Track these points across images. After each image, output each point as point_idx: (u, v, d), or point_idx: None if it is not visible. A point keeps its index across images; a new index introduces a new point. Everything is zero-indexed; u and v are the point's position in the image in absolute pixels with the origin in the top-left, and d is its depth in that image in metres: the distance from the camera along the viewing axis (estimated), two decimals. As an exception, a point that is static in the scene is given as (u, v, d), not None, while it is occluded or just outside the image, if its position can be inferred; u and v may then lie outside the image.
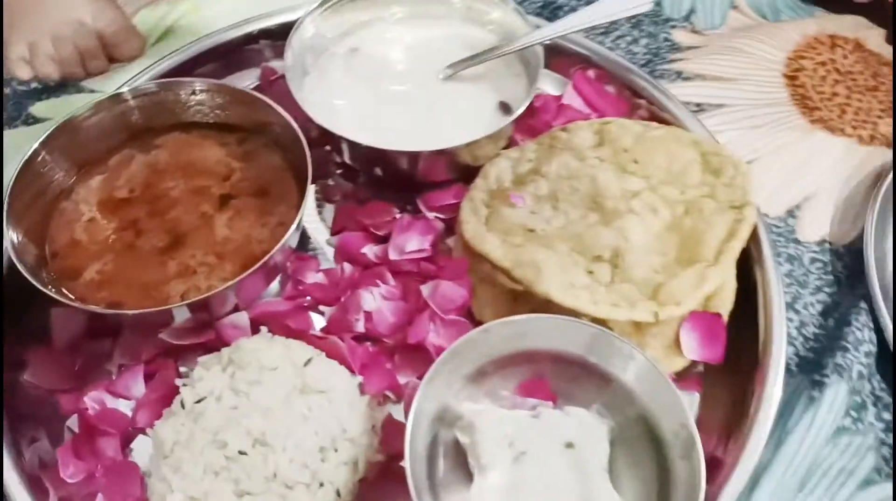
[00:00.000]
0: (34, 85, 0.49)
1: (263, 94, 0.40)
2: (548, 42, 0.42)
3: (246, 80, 0.47)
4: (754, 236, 0.37)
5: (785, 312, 0.36)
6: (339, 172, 0.43)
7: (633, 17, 0.50)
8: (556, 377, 0.32)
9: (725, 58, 0.52)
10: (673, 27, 0.55)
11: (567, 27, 0.42)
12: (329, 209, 0.42)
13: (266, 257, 0.32)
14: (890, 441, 0.35)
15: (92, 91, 0.49)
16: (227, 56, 0.48)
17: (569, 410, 0.31)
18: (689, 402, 0.35)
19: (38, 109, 0.48)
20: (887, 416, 0.36)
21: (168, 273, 0.34)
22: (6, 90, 0.49)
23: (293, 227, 0.34)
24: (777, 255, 0.39)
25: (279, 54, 0.43)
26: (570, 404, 0.32)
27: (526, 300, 0.36)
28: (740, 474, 0.31)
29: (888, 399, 0.36)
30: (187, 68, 0.46)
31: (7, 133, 0.47)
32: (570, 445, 0.30)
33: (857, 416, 0.36)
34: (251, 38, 0.48)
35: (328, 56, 0.45)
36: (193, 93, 0.40)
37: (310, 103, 0.40)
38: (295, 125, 0.37)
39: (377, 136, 0.39)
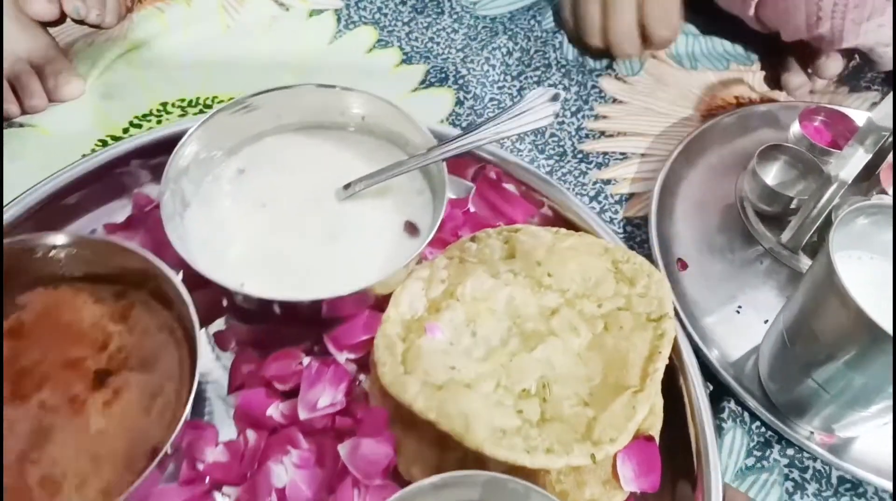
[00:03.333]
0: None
1: (141, 225, 0.36)
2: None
3: (118, 213, 0.42)
4: (675, 348, 0.37)
5: (712, 420, 0.36)
6: (233, 312, 0.39)
7: (562, 70, 0.57)
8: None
9: (644, 118, 0.55)
10: (599, 76, 0.58)
11: (472, 142, 0.40)
12: (226, 359, 0.38)
13: (156, 460, 0.27)
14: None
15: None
16: (98, 182, 0.43)
17: None
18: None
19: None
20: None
21: (27, 488, 0.28)
22: None
23: (185, 412, 0.29)
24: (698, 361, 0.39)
25: (158, 175, 0.38)
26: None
27: (455, 447, 0.34)
28: None
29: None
30: (53, 204, 0.41)
31: None
32: None
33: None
34: (121, 161, 0.43)
35: (212, 181, 0.41)
36: (53, 248, 0.35)
37: (190, 245, 0.36)
38: (172, 276, 0.33)
39: (272, 282, 0.35)
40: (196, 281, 0.34)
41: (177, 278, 0.33)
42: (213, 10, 0.60)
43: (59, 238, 0.34)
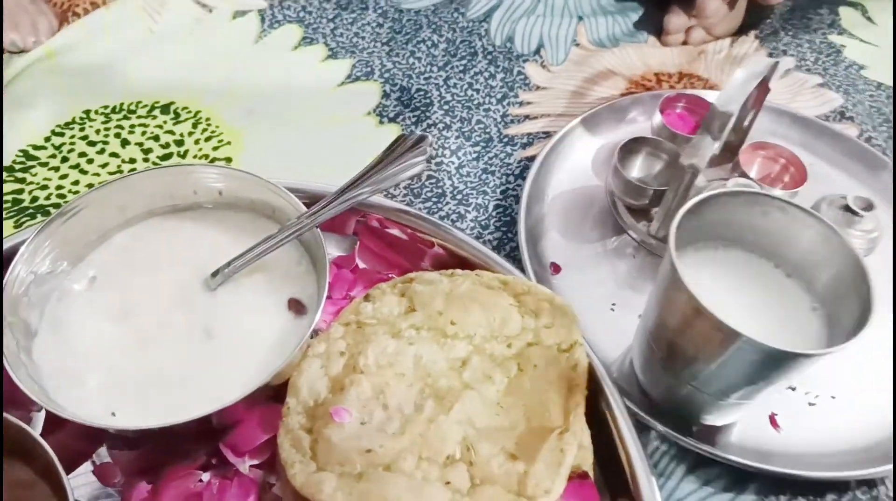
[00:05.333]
0: None
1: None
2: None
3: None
4: (591, 374, 0.36)
5: (638, 441, 0.35)
6: (112, 442, 0.34)
7: (488, 57, 0.59)
8: None
9: (570, 101, 0.56)
10: (525, 61, 0.59)
11: (346, 200, 0.38)
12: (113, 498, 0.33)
13: None
14: None
15: None
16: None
17: None
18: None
19: None
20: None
21: None
22: None
23: None
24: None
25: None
26: None
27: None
28: None
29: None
30: None
31: None
32: None
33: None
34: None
35: (59, 299, 0.36)
36: None
37: (44, 382, 0.31)
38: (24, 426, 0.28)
39: (148, 406, 0.31)
40: (60, 420, 0.29)
41: (36, 434, 0.29)
42: (134, 14, 0.59)
43: None
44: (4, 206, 0.44)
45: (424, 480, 0.32)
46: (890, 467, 0.35)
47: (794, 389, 0.40)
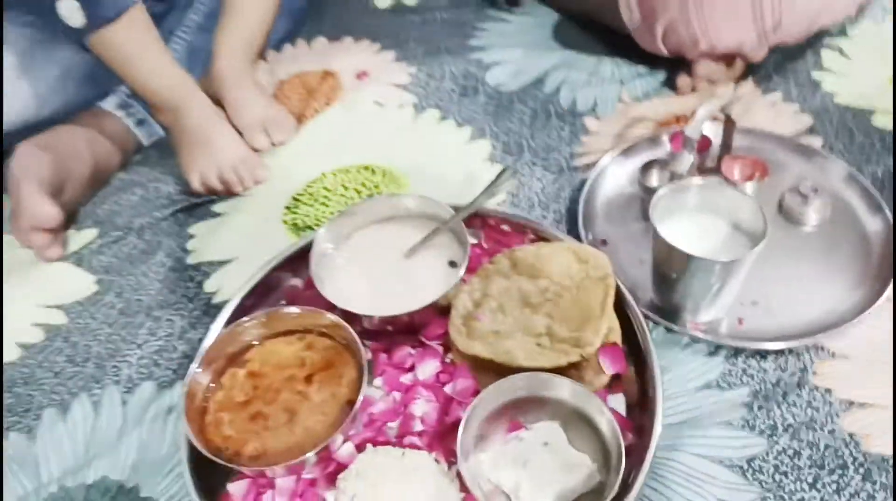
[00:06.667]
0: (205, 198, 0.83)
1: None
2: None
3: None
4: (619, 290, 0.64)
5: (648, 330, 0.62)
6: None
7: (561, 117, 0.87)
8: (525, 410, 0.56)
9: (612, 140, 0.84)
10: (584, 117, 0.87)
11: (473, 208, 0.69)
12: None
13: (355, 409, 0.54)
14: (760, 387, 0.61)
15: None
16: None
17: (533, 427, 0.54)
18: (619, 399, 0.59)
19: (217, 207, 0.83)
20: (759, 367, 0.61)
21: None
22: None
23: (364, 378, 0.56)
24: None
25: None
26: (535, 422, 0.55)
27: (506, 372, 0.60)
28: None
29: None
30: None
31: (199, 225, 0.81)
32: (545, 443, 0.53)
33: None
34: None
35: (332, 261, 0.69)
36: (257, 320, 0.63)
37: (335, 294, 0.63)
38: (336, 320, 0.61)
39: (380, 309, 0.62)
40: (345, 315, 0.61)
41: (337, 318, 0.61)
42: (340, 114, 0.92)
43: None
44: (289, 225, 0.80)
45: (525, 341, 0.60)
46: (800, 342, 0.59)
47: (756, 303, 0.65)
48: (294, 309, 0.62)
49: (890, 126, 0.80)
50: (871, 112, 0.82)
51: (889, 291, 0.61)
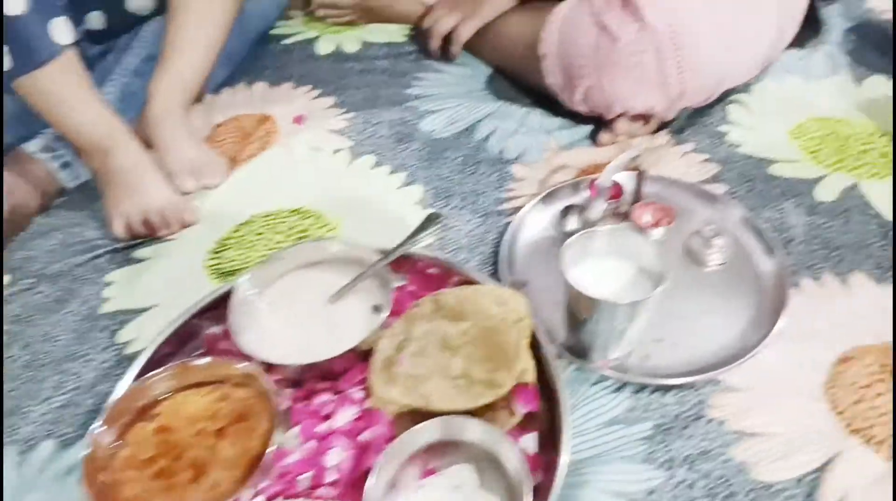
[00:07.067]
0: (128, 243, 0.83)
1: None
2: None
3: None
4: (534, 331, 0.66)
5: (560, 370, 0.64)
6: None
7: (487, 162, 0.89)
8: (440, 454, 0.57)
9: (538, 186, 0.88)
10: (512, 164, 0.90)
11: (404, 249, 0.71)
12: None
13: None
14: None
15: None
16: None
17: (445, 471, 0.56)
18: (532, 438, 0.61)
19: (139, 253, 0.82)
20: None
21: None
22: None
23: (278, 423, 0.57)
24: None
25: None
26: (449, 466, 0.57)
27: (423, 416, 0.61)
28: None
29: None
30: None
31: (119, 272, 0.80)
32: (456, 487, 0.55)
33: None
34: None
35: (254, 306, 0.69)
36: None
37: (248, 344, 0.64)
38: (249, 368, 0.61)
39: (303, 353, 0.63)
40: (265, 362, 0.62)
41: (251, 368, 0.62)
42: (275, 157, 0.95)
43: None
44: (213, 270, 0.80)
45: (442, 384, 0.62)
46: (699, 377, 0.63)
47: (661, 340, 0.68)
48: (204, 360, 0.62)
49: (787, 174, 0.86)
50: (771, 162, 0.88)
51: (778, 325, 0.66)
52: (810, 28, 1.05)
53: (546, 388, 0.63)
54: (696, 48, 0.82)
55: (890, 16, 1.20)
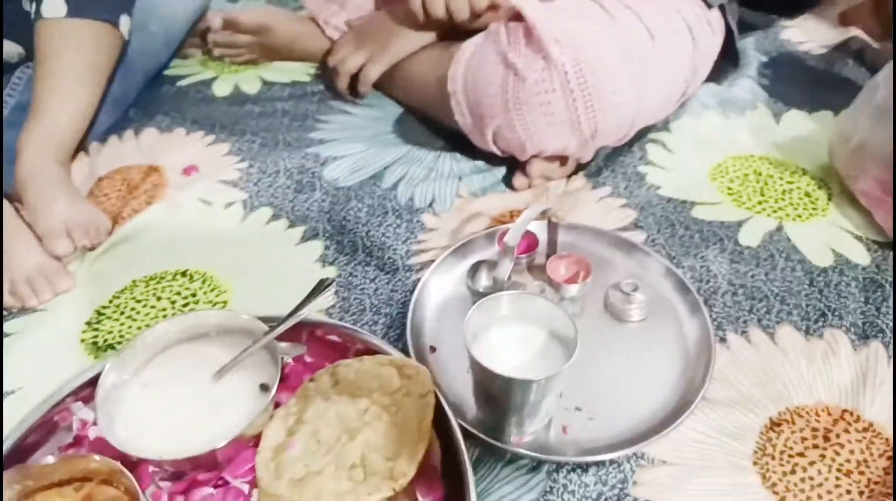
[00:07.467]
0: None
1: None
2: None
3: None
4: (438, 405, 0.60)
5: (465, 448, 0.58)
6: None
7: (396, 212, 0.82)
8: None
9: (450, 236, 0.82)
10: (422, 213, 0.84)
11: (293, 320, 0.64)
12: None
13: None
14: None
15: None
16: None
17: None
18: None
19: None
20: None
21: None
22: None
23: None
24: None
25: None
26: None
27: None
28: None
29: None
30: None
31: None
32: None
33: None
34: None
35: (125, 393, 0.61)
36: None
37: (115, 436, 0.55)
38: (112, 463, 0.53)
39: (175, 450, 0.55)
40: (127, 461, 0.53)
41: (114, 463, 0.53)
42: (161, 215, 0.87)
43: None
44: (89, 344, 0.71)
45: (337, 478, 0.55)
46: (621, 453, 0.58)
47: (580, 409, 0.63)
48: (52, 459, 0.54)
49: (709, 217, 0.84)
50: (692, 204, 0.86)
51: (704, 389, 0.61)
52: (728, 61, 1.04)
53: (453, 470, 0.56)
54: (604, 84, 0.79)
55: (807, 47, 1.22)
